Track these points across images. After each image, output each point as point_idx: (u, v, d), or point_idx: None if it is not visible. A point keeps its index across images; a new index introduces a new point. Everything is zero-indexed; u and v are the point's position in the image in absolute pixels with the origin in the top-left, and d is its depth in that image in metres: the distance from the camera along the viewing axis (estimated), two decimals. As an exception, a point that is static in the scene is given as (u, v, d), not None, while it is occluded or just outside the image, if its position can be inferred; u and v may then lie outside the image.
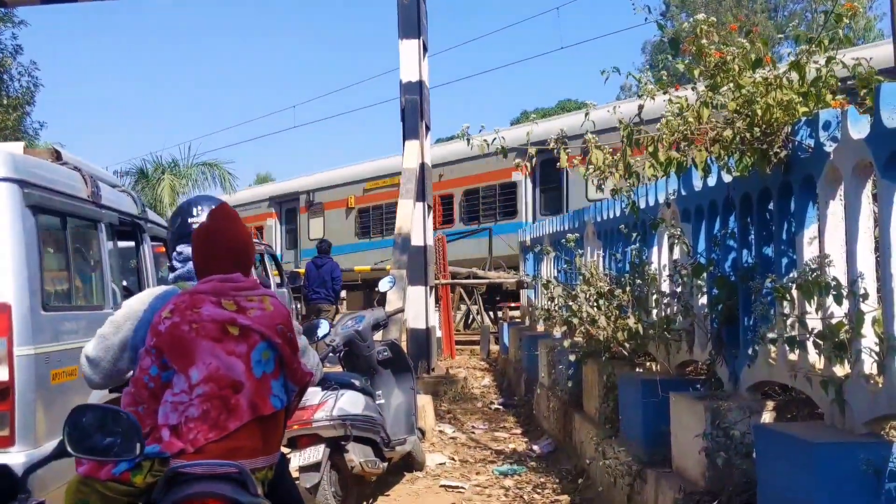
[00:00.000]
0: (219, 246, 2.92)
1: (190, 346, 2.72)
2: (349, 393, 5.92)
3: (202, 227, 3.00)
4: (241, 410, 2.73)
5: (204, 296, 2.81)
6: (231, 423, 2.71)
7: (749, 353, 4.21)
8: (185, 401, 2.69)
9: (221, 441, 2.68)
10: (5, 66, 19.70)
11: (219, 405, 2.70)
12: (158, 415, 2.68)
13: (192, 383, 2.70)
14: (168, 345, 2.72)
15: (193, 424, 2.67)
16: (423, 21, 11.69)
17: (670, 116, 3.97)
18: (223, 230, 2.95)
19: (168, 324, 2.75)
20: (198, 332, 2.73)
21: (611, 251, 6.87)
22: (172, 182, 23.50)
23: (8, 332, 4.18)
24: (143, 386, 2.73)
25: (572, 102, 45.45)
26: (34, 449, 4.19)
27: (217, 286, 2.85)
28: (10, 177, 4.33)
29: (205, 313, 2.76)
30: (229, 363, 2.74)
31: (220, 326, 2.76)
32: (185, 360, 2.71)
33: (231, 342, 2.76)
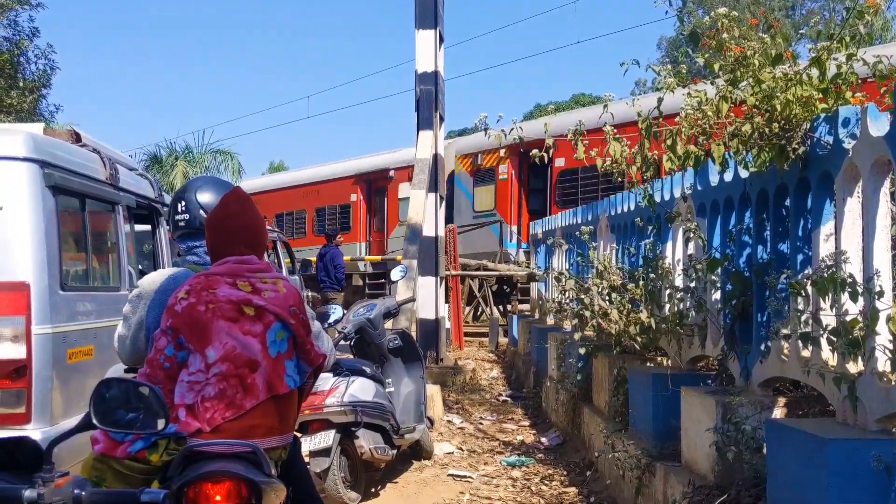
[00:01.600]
0: (233, 230, 2.94)
1: (206, 326, 2.75)
2: (360, 380, 5.96)
3: (216, 212, 3.01)
4: (257, 389, 2.76)
5: (219, 277, 2.84)
6: (247, 401, 2.74)
7: (762, 348, 4.22)
8: (201, 380, 2.72)
9: (237, 420, 2.72)
10: (22, 48, 19.77)
11: (235, 384, 2.73)
12: (175, 395, 2.71)
13: (209, 363, 2.73)
14: (185, 325, 2.75)
15: (210, 403, 2.70)
16: (439, 11, 11.68)
17: (689, 110, 3.97)
18: (236, 215, 2.97)
19: (185, 304, 2.77)
20: (214, 313, 2.76)
21: (624, 245, 6.87)
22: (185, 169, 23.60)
23: (26, 311, 4.22)
24: (158, 366, 2.76)
25: (587, 97, 45.32)
26: (50, 426, 4.24)
27: (232, 268, 2.88)
28: (31, 157, 4.36)
29: (221, 294, 2.79)
30: (245, 343, 2.77)
31: (236, 307, 2.79)
32: (202, 340, 2.74)
33: (247, 322, 2.80)
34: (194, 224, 3.25)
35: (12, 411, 4.20)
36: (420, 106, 11.60)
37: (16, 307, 4.21)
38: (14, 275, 4.25)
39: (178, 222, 3.29)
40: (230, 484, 2.52)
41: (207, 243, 3.00)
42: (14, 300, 4.22)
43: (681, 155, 3.99)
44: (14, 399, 4.20)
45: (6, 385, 4.19)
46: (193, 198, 3.27)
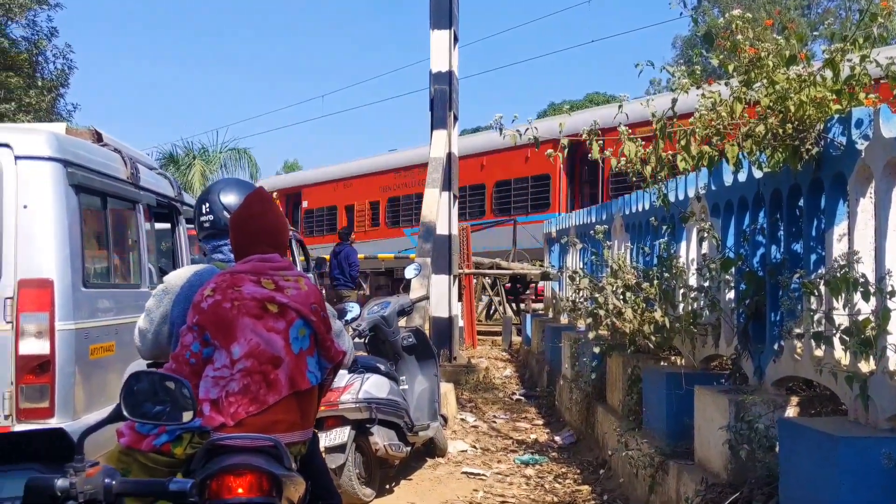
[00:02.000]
0: (255, 229, 3.01)
1: (232, 322, 2.82)
2: (375, 377, 6.01)
3: (239, 212, 3.07)
4: (280, 385, 2.83)
5: (244, 275, 2.91)
6: (270, 397, 2.80)
7: (775, 347, 4.25)
8: (226, 376, 2.79)
9: (260, 415, 2.78)
10: (41, 48, 19.95)
11: (259, 379, 2.80)
12: (200, 390, 2.78)
13: (234, 359, 2.80)
14: (211, 322, 2.82)
15: (234, 398, 2.77)
16: (454, 11, 11.73)
17: (703, 110, 4.00)
18: (259, 215, 3.03)
19: (210, 301, 2.84)
20: (239, 310, 2.83)
21: (639, 244, 6.90)
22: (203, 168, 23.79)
23: (50, 307, 4.30)
24: (184, 362, 2.82)
25: (601, 95, 45.26)
26: (72, 421, 4.31)
27: (256, 266, 2.94)
28: (55, 156, 4.45)
29: (245, 291, 2.86)
30: (269, 339, 2.84)
31: (260, 304, 2.86)
32: (227, 337, 2.81)
33: (270, 319, 2.86)
34: (219, 225, 3.31)
35: (36, 406, 4.28)
36: (434, 105, 11.65)
37: (40, 303, 4.30)
38: (38, 272, 4.33)
39: (203, 223, 3.37)
40: (252, 477, 2.58)
41: (231, 242, 3.07)
42: (38, 297, 4.30)
43: (695, 155, 4.02)
44: (38, 394, 4.29)
45: (30, 380, 4.27)
46: (217, 199, 3.34)
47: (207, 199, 3.38)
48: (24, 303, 4.31)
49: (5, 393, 4.29)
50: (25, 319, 4.30)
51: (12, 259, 4.33)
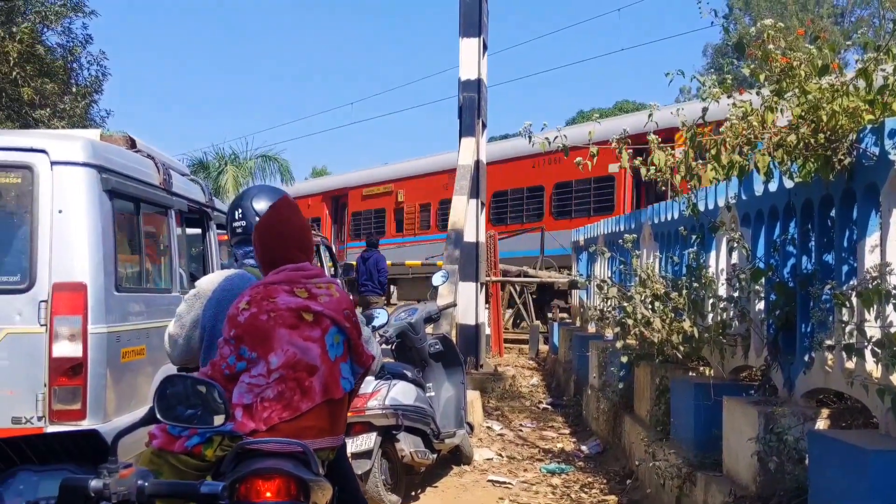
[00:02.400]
0: (286, 235, 3.04)
1: (269, 334, 2.85)
2: (401, 383, 6.02)
3: (265, 220, 3.10)
4: (314, 393, 2.86)
5: (277, 286, 2.94)
6: (304, 404, 2.83)
7: (805, 359, 4.21)
8: (262, 384, 2.82)
9: (293, 421, 2.81)
10: (76, 54, 20.24)
11: (293, 386, 2.83)
12: (233, 395, 2.81)
13: (271, 368, 2.83)
14: (248, 334, 2.85)
15: (268, 403, 2.80)
16: (483, 20, 11.75)
17: (734, 120, 3.98)
18: (287, 220, 3.06)
19: (247, 314, 2.87)
20: (276, 321, 2.86)
21: (668, 253, 6.86)
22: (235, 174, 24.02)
23: (83, 311, 4.37)
24: (220, 372, 2.85)
25: (630, 103, 45.07)
26: (103, 423, 4.37)
27: (289, 275, 2.97)
28: (89, 162, 4.53)
29: (280, 302, 2.89)
30: (306, 348, 2.87)
31: (296, 314, 2.89)
32: (265, 348, 2.84)
33: (306, 328, 2.89)
34: (251, 230, 3.35)
35: (69, 407, 4.35)
36: (463, 113, 11.67)
37: (73, 307, 4.37)
38: (72, 276, 4.40)
39: (235, 229, 3.41)
40: (280, 481, 2.60)
41: (258, 252, 3.07)
42: (72, 300, 4.37)
43: (725, 164, 4.00)
44: (70, 396, 4.35)
45: (63, 382, 4.34)
46: (250, 205, 3.39)
47: (240, 205, 3.43)
48: (58, 306, 4.38)
49: (39, 395, 4.36)
50: (59, 322, 4.37)
51: (47, 263, 4.41)
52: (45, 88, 18.61)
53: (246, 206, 3.40)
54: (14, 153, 4.51)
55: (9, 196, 4.62)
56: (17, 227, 4.61)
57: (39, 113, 18.58)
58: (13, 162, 4.50)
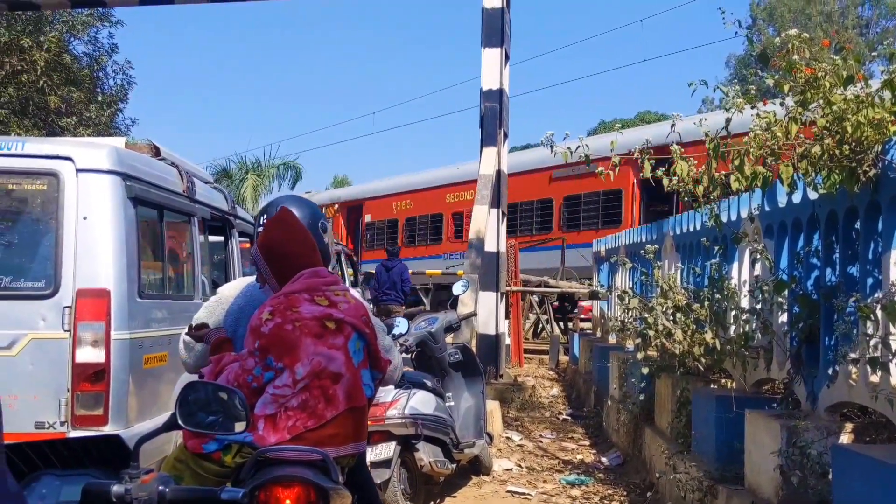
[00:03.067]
0: (277, 254, 3.03)
1: (294, 343, 2.86)
2: (421, 392, 6.02)
3: (261, 239, 3.10)
4: (338, 401, 2.87)
5: (298, 295, 2.94)
6: (328, 412, 2.85)
7: (829, 372, 4.16)
8: (287, 394, 2.82)
9: (318, 429, 2.82)
10: (101, 63, 20.48)
11: (318, 395, 2.84)
12: (256, 407, 2.82)
13: (297, 378, 2.84)
14: (273, 345, 2.85)
15: (292, 413, 2.81)
16: (506, 30, 11.77)
17: (758, 130, 3.95)
18: (281, 242, 3.04)
19: (271, 325, 2.87)
20: (301, 331, 2.87)
21: (690, 264, 6.82)
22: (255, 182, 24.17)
23: (106, 317, 4.41)
24: (246, 386, 2.85)
25: (652, 114, 44.91)
26: (125, 429, 4.40)
27: (308, 283, 2.97)
28: (114, 170, 4.57)
29: (304, 312, 2.89)
30: (331, 356, 2.88)
31: (320, 322, 2.90)
32: (292, 357, 2.85)
33: (330, 336, 2.90)
34: None
35: (91, 413, 4.38)
36: (484, 123, 11.68)
37: (97, 313, 4.41)
38: (96, 282, 4.44)
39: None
40: (300, 489, 2.61)
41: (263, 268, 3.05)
42: (95, 306, 4.41)
43: (748, 175, 3.98)
44: (93, 401, 4.39)
45: (86, 387, 4.38)
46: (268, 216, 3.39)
47: (267, 212, 3.43)
48: (81, 312, 4.42)
49: (62, 400, 4.40)
50: (82, 328, 4.41)
51: (71, 269, 4.45)
52: (71, 97, 18.85)
53: (273, 214, 3.40)
54: (40, 160, 4.56)
55: (35, 203, 4.67)
56: (43, 234, 4.66)
57: (66, 121, 18.80)
58: (39, 169, 4.55)
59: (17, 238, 4.87)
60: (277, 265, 3.02)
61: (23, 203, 4.74)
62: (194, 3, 13.27)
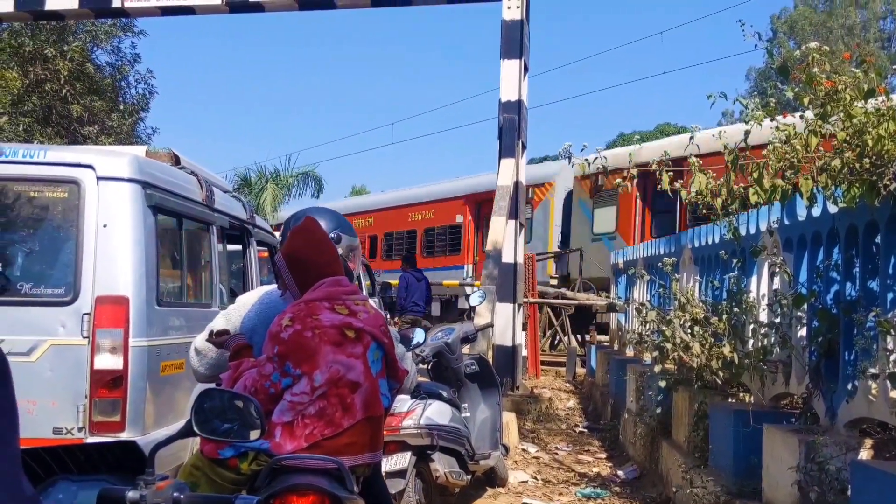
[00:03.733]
0: (299, 262, 3.03)
1: (314, 351, 2.86)
2: (437, 403, 6.00)
3: (285, 247, 3.11)
4: (355, 409, 2.87)
5: (318, 303, 2.95)
6: (345, 420, 2.85)
7: (848, 388, 4.12)
8: (304, 401, 2.83)
9: (334, 438, 2.82)
10: (124, 73, 20.70)
11: (335, 403, 2.84)
12: (274, 414, 2.82)
13: (315, 385, 2.84)
14: (292, 351, 2.86)
15: (309, 420, 2.81)
16: (525, 42, 11.79)
17: (778, 143, 3.94)
18: (301, 248, 3.06)
19: (291, 331, 2.88)
20: (321, 338, 2.87)
21: (708, 277, 6.79)
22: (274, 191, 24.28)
23: (125, 324, 4.43)
24: (264, 392, 2.85)
25: (671, 127, 44.77)
26: (142, 436, 4.42)
27: (329, 291, 2.98)
28: (135, 178, 4.61)
29: (324, 320, 2.90)
30: (350, 365, 2.89)
31: (339, 331, 2.91)
32: (310, 365, 2.85)
33: (349, 345, 2.91)
34: None
35: (108, 419, 4.40)
36: (503, 134, 11.69)
37: (115, 320, 4.43)
38: (115, 289, 4.47)
39: None
40: (315, 497, 2.61)
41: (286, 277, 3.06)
42: (114, 313, 4.44)
43: (768, 188, 3.95)
44: (110, 407, 4.41)
45: (104, 394, 4.40)
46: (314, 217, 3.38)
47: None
48: (100, 319, 4.45)
49: (80, 406, 4.42)
50: (101, 335, 4.44)
51: (91, 276, 4.48)
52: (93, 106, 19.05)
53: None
54: (62, 168, 4.60)
55: (56, 210, 4.72)
56: (63, 241, 4.70)
57: (88, 129, 19.00)
58: (61, 177, 4.59)
59: (37, 245, 4.92)
60: (300, 273, 3.02)
61: (44, 210, 4.78)
62: (214, 13, 13.37)
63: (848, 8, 39.05)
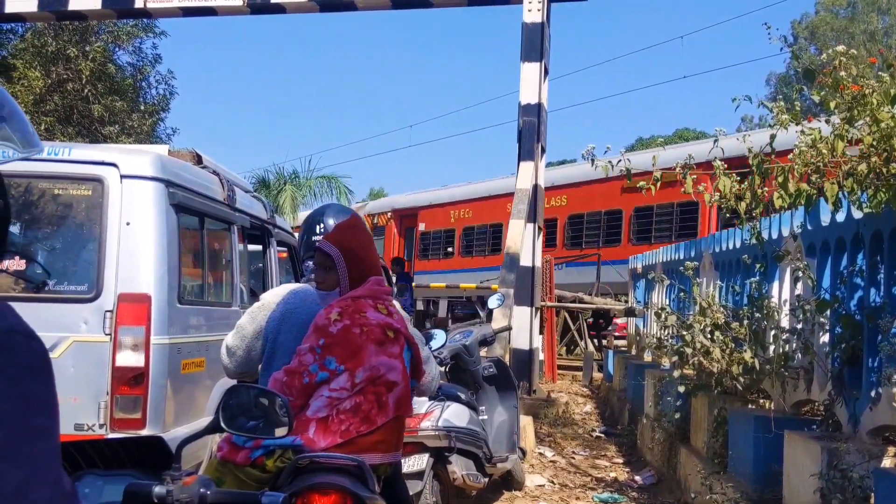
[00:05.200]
0: (370, 250, 3.09)
1: (360, 347, 2.89)
2: (455, 405, 5.99)
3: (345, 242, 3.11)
4: (388, 407, 2.91)
5: (364, 300, 2.98)
6: (380, 418, 2.88)
7: (872, 395, 4.08)
8: (343, 397, 2.85)
9: (368, 435, 2.85)
10: (145, 74, 20.87)
11: (372, 400, 2.88)
12: (309, 409, 2.85)
13: (356, 381, 2.87)
14: (339, 345, 2.88)
15: (345, 416, 2.84)
16: (545, 45, 11.78)
17: (803, 147, 3.91)
18: (365, 234, 3.11)
19: (339, 326, 2.90)
20: (368, 336, 2.91)
21: (729, 282, 6.75)
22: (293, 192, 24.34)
23: (147, 322, 4.46)
24: (299, 379, 2.87)
25: (690, 132, 44.59)
26: (162, 433, 4.44)
27: (373, 290, 3.01)
28: (158, 176, 4.63)
29: (371, 318, 2.94)
30: (390, 365, 2.93)
31: (383, 330, 2.94)
32: (355, 361, 2.88)
33: (389, 345, 2.96)
34: None
35: (129, 416, 4.43)
36: (522, 137, 11.68)
37: (137, 318, 4.46)
38: (137, 287, 4.50)
39: (313, 243, 3.38)
40: (336, 496, 2.62)
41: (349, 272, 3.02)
42: (136, 311, 4.46)
43: (792, 193, 3.93)
44: (131, 405, 4.43)
45: (125, 391, 4.42)
46: (333, 223, 3.39)
47: (322, 220, 3.44)
48: (122, 316, 4.48)
49: (101, 402, 4.44)
50: (123, 332, 4.46)
51: (113, 273, 4.51)
52: (114, 106, 19.21)
53: (328, 223, 3.41)
54: (86, 166, 4.64)
55: (79, 207, 4.75)
56: (87, 238, 4.73)
57: (108, 129, 19.15)
58: (85, 174, 4.63)
59: (61, 242, 4.95)
60: (356, 268, 3.03)
61: (68, 208, 4.82)
62: (235, 14, 13.45)
63: (870, 13, 38.77)
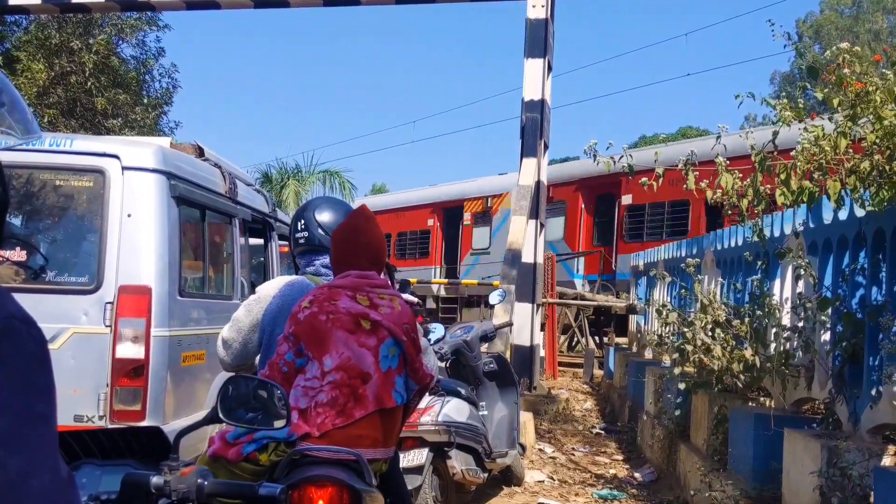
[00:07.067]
0: (358, 245, 3.06)
1: (326, 335, 2.87)
2: (455, 400, 5.99)
3: (344, 227, 3.13)
4: (367, 401, 2.86)
5: (341, 290, 2.96)
6: (357, 411, 2.84)
7: (872, 393, 4.08)
8: (316, 386, 2.84)
9: (346, 428, 2.81)
10: (148, 67, 20.84)
11: (347, 393, 2.84)
12: (290, 398, 2.82)
13: (325, 370, 2.85)
14: (305, 332, 2.88)
15: (322, 409, 2.81)
16: (549, 41, 11.75)
17: (806, 144, 3.90)
18: (363, 231, 3.09)
19: (307, 313, 2.90)
20: (333, 323, 2.88)
21: (730, 280, 6.74)
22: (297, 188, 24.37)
23: (147, 314, 4.46)
24: (277, 370, 2.88)
25: (694, 129, 44.51)
26: (162, 424, 4.44)
27: (354, 281, 2.99)
28: (159, 168, 4.63)
29: (341, 306, 2.91)
30: (360, 354, 2.88)
31: (354, 319, 2.91)
32: (321, 348, 2.86)
33: (362, 335, 2.90)
34: (313, 241, 3.39)
35: (129, 408, 4.43)
36: (525, 133, 11.64)
37: (138, 310, 4.46)
38: (138, 279, 4.50)
39: (297, 239, 3.44)
40: (333, 489, 2.61)
41: (332, 257, 3.11)
42: (136, 303, 4.46)
43: (794, 190, 3.92)
44: (131, 396, 4.44)
45: (125, 383, 4.43)
46: (312, 217, 3.42)
47: (303, 216, 3.46)
48: (122, 308, 4.48)
49: (101, 394, 4.45)
50: (123, 324, 4.46)
51: (114, 265, 4.51)
52: (118, 99, 19.18)
53: (309, 217, 3.43)
54: (88, 158, 4.64)
55: (81, 199, 4.75)
56: (88, 230, 4.74)
57: (112, 122, 19.13)
58: (87, 166, 4.63)
59: (62, 233, 4.96)
60: (348, 255, 3.03)
61: (69, 199, 4.82)
62: (239, 7, 13.43)
63: (875, 13, 38.67)
